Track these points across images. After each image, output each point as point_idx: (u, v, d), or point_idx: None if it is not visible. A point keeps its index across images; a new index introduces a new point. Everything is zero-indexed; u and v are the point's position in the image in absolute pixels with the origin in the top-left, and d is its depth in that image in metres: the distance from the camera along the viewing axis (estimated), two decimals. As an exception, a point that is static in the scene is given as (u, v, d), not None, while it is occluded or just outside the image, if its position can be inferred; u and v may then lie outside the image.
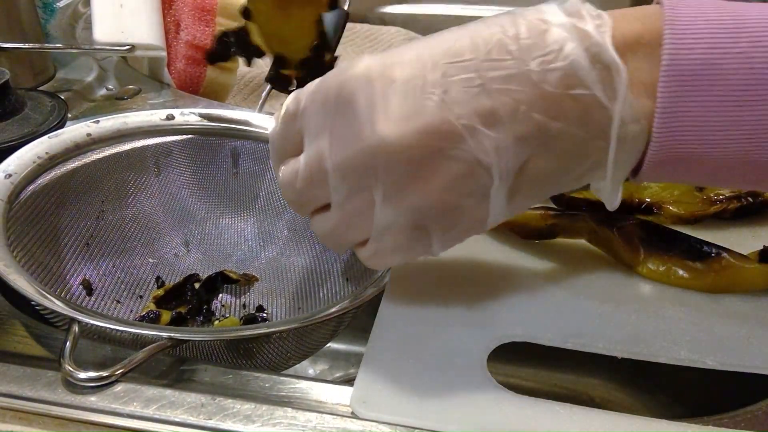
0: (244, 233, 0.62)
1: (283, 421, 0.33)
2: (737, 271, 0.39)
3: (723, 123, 0.26)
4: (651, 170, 0.28)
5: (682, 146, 0.27)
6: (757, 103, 0.25)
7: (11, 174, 0.49)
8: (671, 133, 0.27)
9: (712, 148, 0.27)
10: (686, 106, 0.26)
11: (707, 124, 0.26)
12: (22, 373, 0.35)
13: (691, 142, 0.27)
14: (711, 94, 0.26)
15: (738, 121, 0.26)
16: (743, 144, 0.27)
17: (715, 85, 0.25)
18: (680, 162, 0.28)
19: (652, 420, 0.33)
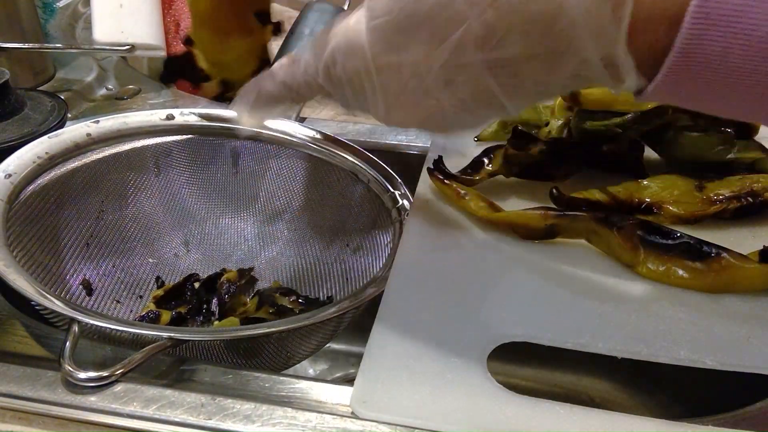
0: (244, 233, 0.62)
1: (283, 421, 0.33)
2: (737, 271, 0.39)
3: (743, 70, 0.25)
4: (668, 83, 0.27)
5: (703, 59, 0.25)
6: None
7: (11, 174, 0.49)
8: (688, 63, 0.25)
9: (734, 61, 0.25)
10: (709, 50, 0.24)
11: (726, 70, 0.25)
12: (22, 373, 0.35)
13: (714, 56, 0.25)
14: (732, 44, 0.24)
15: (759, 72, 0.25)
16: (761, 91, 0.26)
17: (741, 35, 0.24)
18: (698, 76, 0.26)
19: (652, 420, 0.33)
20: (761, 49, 0.24)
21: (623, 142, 0.51)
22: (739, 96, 0.26)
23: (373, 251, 0.54)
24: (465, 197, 0.46)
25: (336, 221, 0.59)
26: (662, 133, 0.51)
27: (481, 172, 0.50)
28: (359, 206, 0.57)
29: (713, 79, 0.26)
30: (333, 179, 0.59)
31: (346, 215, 0.58)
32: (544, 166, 0.50)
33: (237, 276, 0.57)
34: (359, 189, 0.56)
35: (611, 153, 0.51)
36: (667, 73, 0.26)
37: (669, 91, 0.27)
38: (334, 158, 0.58)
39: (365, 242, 0.56)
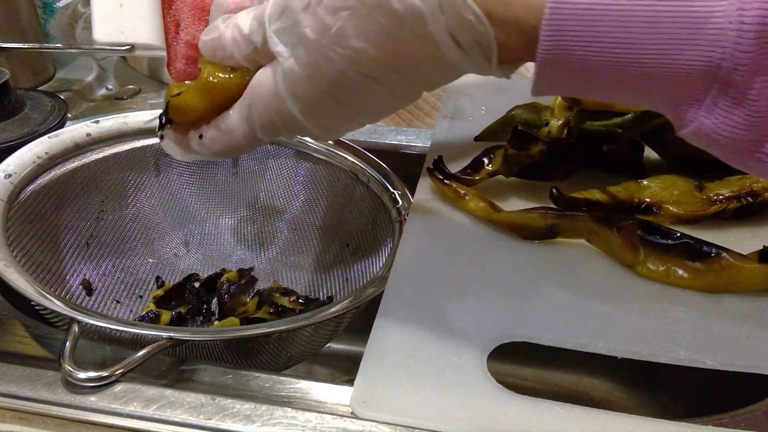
0: (244, 233, 0.62)
1: (283, 421, 0.33)
2: (737, 271, 0.39)
3: (595, 80, 0.27)
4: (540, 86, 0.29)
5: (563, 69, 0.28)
6: (629, 64, 0.26)
7: (11, 174, 0.49)
8: (554, 75, 0.27)
9: (591, 89, 0.28)
10: (565, 58, 0.26)
11: (580, 80, 0.27)
12: (21, 373, 0.35)
13: (573, 65, 0.27)
14: (589, 50, 0.26)
15: (605, 86, 0.27)
16: (618, 91, 0.28)
17: (594, 41, 0.26)
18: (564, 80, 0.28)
19: (652, 420, 0.33)
20: (613, 54, 0.26)
21: (623, 142, 0.51)
22: (611, 91, 0.28)
23: (373, 251, 0.54)
24: (465, 197, 0.46)
25: (336, 221, 0.59)
26: (662, 133, 0.51)
27: (481, 172, 0.50)
28: (359, 206, 0.57)
29: (581, 81, 0.28)
30: (333, 179, 0.59)
31: (346, 215, 0.58)
32: (544, 166, 0.49)
33: (237, 276, 0.57)
34: (359, 189, 0.56)
35: (611, 153, 0.51)
36: (536, 80, 0.28)
37: (548, 89, 0.29)
38: (334, 158, 0.58)
39: (365, 242, 0.56)
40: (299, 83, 0.32)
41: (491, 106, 0.59)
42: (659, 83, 0.26)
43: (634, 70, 0.26)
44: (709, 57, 0.24)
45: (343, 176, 0.58)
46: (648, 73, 0.26)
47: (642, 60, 0.26)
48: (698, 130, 0.27)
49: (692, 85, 0.26)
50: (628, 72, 0.26)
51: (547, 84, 0.28)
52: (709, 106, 0.26)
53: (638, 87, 0.27)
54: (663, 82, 0.26)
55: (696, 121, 0.27)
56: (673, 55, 0.25)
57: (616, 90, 0.28)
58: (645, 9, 0.25)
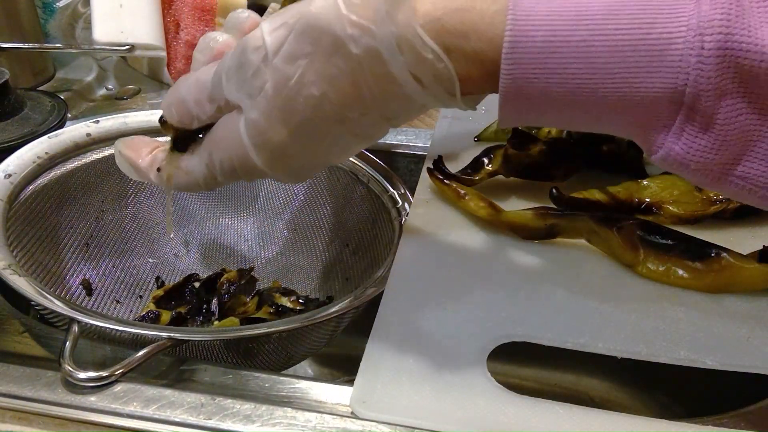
0: (244, 233, 0.62)
1: (283, 421, 0.33)
2: (737, 271, 0.39)
3: (561, 106, 0.27)
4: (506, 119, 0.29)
5: (523, 115, 0.28)
6: (593, 92, 0.26)
7: (11, 174, 0.49)
8: (518, 109, 0.28)
9: (552, 119, 0.29)
10: (526, 90, 0.26)
11: (545, 103, 0.27)
12: (21, 373, 0.35)
13: (531, 113, 0.28)
14: (550, 81, 0.26)
15: (572, 116, 0.27)
16: (579, 122, 0.28)
17: (554, 73, 0.26)
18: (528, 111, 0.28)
19: (652, 420, 0.33)
20: (575, 85, 0.26)
21: (623, 142, 0.51)
22: (578, 121, 0.28)
23: (373, 251, 0.54)
24: (465, 197, 0.46)
25: (336, 221, 0.59)
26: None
27: (481, 172, 0.50)
28: (359, 206, 0.57)
29: (546, 112, 0.28)
30: (333, 179, 0.59)
31: (346, 215, 0.58)
32: (543, 166, 0.49)
33: (237, 276, 0.57)
34: (359, 189, 0.56)
35: (611, 153, 0.51)
36: (501, 112, 0.28)
37: (515, 121, 0.29)
38: (334, 158, 0.58)
39: (365, 242, 0.55)
40: (262, 133, 0.31)
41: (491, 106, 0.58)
42: (625, 111, 0.26)
43: (597, 100, 0.26)
44: (672, 83, 0.25)
45: (343, 176, 0.58)
46: (613, 102, 0.26)
47: (605, 89, 0.26)
48: (668, 156, 0.27)
49: (659, 112, 0.26)
50: (592, 101, 0.26)
51: (513, 115, 0.28)
52: (677, 131, 0.26)
53: (604, 115, 0.27)
54: (628, 109, 0.26)
55: (665, 147, 0.26)
56: (636, 83, 0.25)
57: (583, 119, 0.28)
58: (604, 39, 0.25)
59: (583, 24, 0.25)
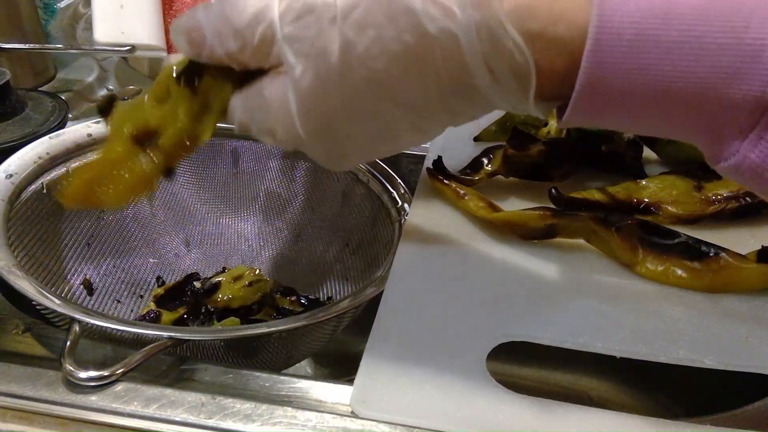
0: (244, 233, 0.62)
1: (283, 420, 0.33)
2: (735, 271, 0.39)
3: (641, 110, 0.26)
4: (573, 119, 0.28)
5: (598, 119, 0.27)
6: (678, 97, 0.25)
7: (12, 174, 0.49)
8: (590, 107, 0.26)
9: (629, 124, 0.28)
10: (605, 90, 0.25)
11: (625, 108, 0.26)
12: (22, 373, 0.35)
13: (607, 117, 0.27)
14: (633, 82, 0.25)
15: (644, 118, 0.26)
16: (658, 128, 0.27)
17: (638, 74, 0.25)
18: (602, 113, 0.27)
19: (651, 419, 0.33)
20: (657, 83, 0.25)
21: (622, 142, 0.51)
22: (647, 122, 0.27)
23: (373, 251, 0.54)
24: (465, 197, 0.47)
25: (336, 221, 0.59)
26: (661, 134, 0.51)
27: (481, 172, 0.50)
28: (359, 206, 0.57)
29: (618, 110, 0.27)
30: (333, 179, 0.59)
31: (346, 215, 0.58)
32: (543, 166, 0.50)
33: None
34: (359, 189, 0.56)
35: (610, 153, 0.51)
36: (571, 110, 0.27)
37: (580, 119, 0.28)
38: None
39: (365, 242, 0.56)
40: (312, 100, 0.29)
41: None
42: (701, 115, 0.25)
43: (677, 102, 0.25)
44: (760, 90, 0.24)
45: (343, 176, 0.58)
46: (693, 106, 0.25)
47: (688, 92, 0.25)
48: (741, 164, 0.25)
49: (738, 118, 0.25)
50: (670, 104, 0.25)
51: (583, 114, 0.27)
52: (755, 139, 0.25)
53: (678, 119, 0.26)
54: (706, 114, 0.25)
55: (739, 154, 0.25)
56: (722, 88, 0.24)
57: (654, 123, 0.27)
58: (693, 40, 0.24)
59: (673, 24, 0.24)
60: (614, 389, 0.58)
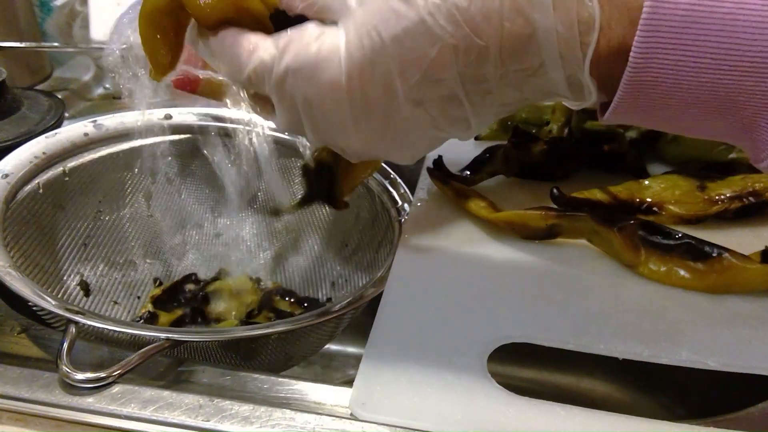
0: (242, 233, 0.62)
1: (282, 422, 0.33)
2: (739, 271, 0.39)
3: (694, 83, 0.25)
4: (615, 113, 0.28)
5: (648, 102, 0.26)
6: (733, 70, 0.24)
7: (8, 174, 0.48)
8: (641, 88, 0.26)
9: (680, 104, 0.26)
10: (660, 63, 0.25)
11: (678, 82, 0.25)
12: (18, 374, 0.35)
13: (658, 97, 0.26)
14: (688, 54, 0.24)
15: (712, 85, 0.25)
16: (712, 103, 0.26)
17: (692, 46, 0.24)
18: (645, 110, 0.27)
19: (653, 421, 0.33)
20: (711, 63, 0.24)
21: (624, 142, 0.51)
22: (697, 114, 0.26)
23: (373, 251, 0.54)
24: (465, 197, 0.46)
25: (336, 221, 0.59)
26: (664, 133, 0.51)
27: (481, 172, 0.50)
28: (359, 206, 0.56)
29: (668, 98, 0.26)
30: (332, 179, 0.58)
31: (346, 215, 0.58)
32: (544, 165, 0.49)
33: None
34: (359, 189, 0.56)
35: (612, 152, 0.51)
36: (621, 94, 0.26)
37: (628, 111, 0.27)
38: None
39: (365, 242, 0.55)
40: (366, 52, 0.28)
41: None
42: (749, 101, 0.24)
43: (730, 82, 0.24)
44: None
45: (342, 176, 0.58)
46: (745, 88, 0.24)
47: (743, 69, 0.24)
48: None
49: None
50: (723, 84, 0.24)
51: (632, 100, 0.26)
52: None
53: (726, 107, 0.25)
54: (756, 99, 0.24)
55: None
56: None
57: (701, 112, 0.26)
58: (750, 12, 0.23)
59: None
60: (616, 391, 0.58)
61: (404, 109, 0.30)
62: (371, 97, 0.30)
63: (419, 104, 0.30)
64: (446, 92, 0.29)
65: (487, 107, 0.30)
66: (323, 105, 0.30)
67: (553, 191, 0.46)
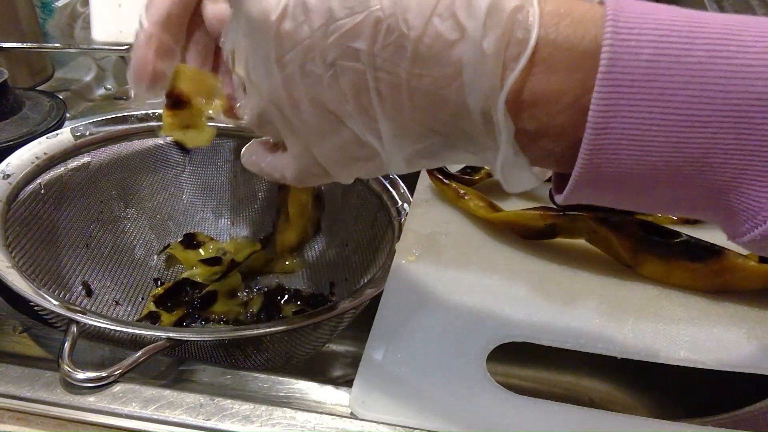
0: (243, 233, 0.62)
1: (282, 421, 0.33)
2: (737, 271, 0.39)
3: (664, 144, 0.22)
4: (575, 191, 0.24)
5: (611, 167, 0.23)
6: (706, 127, 0.21)
7: (9, 174, 0.49)
8: (601, 152, 0.22)
9: (648, 171, 0.23)
10: (623, 123, 0.22)
11: (645, 145, 0.22)
12: (20, 374, 0.35)
13: (623, 164, 0.23)
14: (653, 111, 0.21)
15: (682, 144, 0.22)
16: (684, 167, 0.22)
17: (659, 101, 0.21)
18: (607, 183, 0.24)
19: (652, 420, 0.33)
20: (681, 120, 0.21)
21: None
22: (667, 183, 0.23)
23: (373, 251, 0.54)
24: (465, 197, 0.46)
25: (335, 221, 0.59)
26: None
27: (481, 172, 0.50)
28: (359, 206, 0.57)
29: (635, 164, 0.23)
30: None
31: (346, 215, 0.58)
32: (543, 165, 0.49)
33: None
34: (359, 188, 0.56)
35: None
36: (581, 165, 0.23)
37: (589, 185, 0.24)
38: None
39: (365, 242, 0.55)
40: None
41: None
42: (729, 164, 0.22)
43: (705, 143, 0.21)
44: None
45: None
46: (721, 151, 0.21)
47: (718, 125, 0.21)
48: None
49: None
50: (696, 145, 0.21)
51: (589, 176, 0.23)
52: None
53: (700, 172, 0.22)
54: (736, 161, 0.21)
55: (765, 225, 0.22)
56: (757, 124, 0.21)
57: (669, 180, 0.23)
58: (724, 62, 0.21)
59: (699, 42, 0.21)
60: (615, 390, 0.58)
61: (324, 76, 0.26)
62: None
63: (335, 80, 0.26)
64: (356, 78, 0.25)
65: (397, 115, 0.26)
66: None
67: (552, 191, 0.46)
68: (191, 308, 0.53)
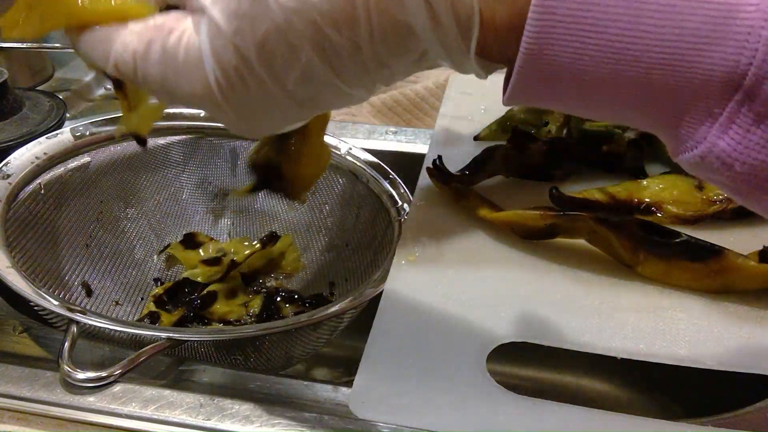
0: (243, 233, 0.62)
1: (282, 421, 0.33)
2: (737, 271, 0.39)
3: (588, 84, 0.22)
4: (519, 82, 0.24)
5: (549, 91, 0.24)
6: (637, 62, 0.21)
7: (9, 174, 0.49)
8: (539, 77, 0.23)
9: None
10: (555, 53, 0.22)
11: (580, 79, 0.22)
12: (20, 374, 0.35)
13: (561, 92, 0.23)
14: (587, 43, 0.22)
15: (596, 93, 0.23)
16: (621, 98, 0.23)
17: (593, 31, 0.21)
18: (546, 98, 0.24)
19: (651, 420, 0.33)
20: (615, 49, 0.21)
21: (623, 142, 0.51)
22: (599, 100, 0.23)
23: (373, 251, 0.54)
24: (465, 197, 0.46)
25: (336, 221, 0.59)
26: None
27: (481, 172, 0.50)
28: (359, 206, 0.57)
29: (566, 83, 0.23)
30: (333, 179, 0.59)
31: (346, 215, 0.58)
32: (543, 165, 0.49)
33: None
34: (359, 189, 0.56)
35: (611, 153, 0.51)
36: (514, 82, 0.23)
37: (524, 95, 0.25)
38: (333, 158, 0.58)
39: (365, 242, 0.55)
40: (226, 42, 0.25)
41: (491, 105, 0.59)
42: (663, 92, 0.22)
43: (638, 72, 0.22)
44: (733, 61, 0.20)
45: (342, 176, 0.58)
46: (655, 78, 0.22)
47: (651, 58, 0.21)
48: (708, 153, 0.22)
49: (706, 96, 0.21)
50: (629, 74, 0.22)
51: (528, 86, 0.24)
52: (725, 123, 0.21)
53: (636, 97, 0.23)
54: (669, 90, 0.22)
55: (706, 142, 0.22)
56: (690, 56, 0.21)
57: (607, 99, 0.23)
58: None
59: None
60: (614, 390, 0.58)
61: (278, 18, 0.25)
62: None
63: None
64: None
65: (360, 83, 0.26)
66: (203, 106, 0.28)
67: (552, 191, 0.46)
68: (191, 308, 0.53)
